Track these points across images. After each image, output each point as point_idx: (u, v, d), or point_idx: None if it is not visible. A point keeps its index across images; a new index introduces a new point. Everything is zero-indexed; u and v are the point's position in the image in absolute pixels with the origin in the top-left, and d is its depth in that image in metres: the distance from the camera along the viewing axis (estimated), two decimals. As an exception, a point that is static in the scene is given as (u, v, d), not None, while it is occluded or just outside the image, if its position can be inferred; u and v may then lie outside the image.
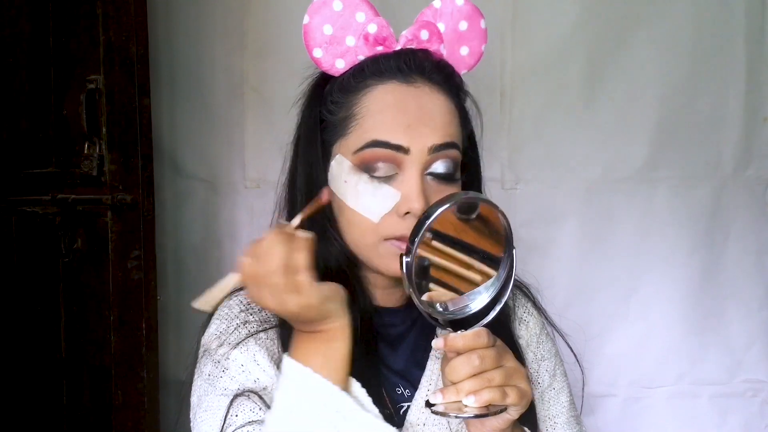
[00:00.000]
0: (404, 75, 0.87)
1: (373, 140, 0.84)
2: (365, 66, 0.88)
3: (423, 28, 0.89)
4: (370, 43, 0.88)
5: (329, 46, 0.89)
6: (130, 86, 1.67)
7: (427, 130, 0.84)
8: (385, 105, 0.86)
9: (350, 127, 0.87)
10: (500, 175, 1.93)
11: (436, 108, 0.87)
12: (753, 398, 2.04)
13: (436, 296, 0.78)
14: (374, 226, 0.84)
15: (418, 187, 0.83)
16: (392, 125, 0.84)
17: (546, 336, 1.02)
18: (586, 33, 1.91)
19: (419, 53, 0.88)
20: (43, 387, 1.71)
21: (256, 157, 1.93)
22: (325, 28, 0.88)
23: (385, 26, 0.88)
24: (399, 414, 0.90)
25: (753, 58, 1.94)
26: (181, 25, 1.91)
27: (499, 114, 1.92)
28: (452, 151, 0.86)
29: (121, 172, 1.69)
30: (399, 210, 0.84)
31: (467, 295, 0.79)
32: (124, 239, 1.70)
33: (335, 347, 0.80)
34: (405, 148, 0.84)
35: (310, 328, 0.80)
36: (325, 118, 0.90)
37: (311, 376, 0.78)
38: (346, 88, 0.89)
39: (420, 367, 0.93)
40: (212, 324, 0.92)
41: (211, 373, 0.88)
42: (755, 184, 1.99)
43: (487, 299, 0.79)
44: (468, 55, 0.95)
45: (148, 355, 1.71)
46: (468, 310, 0.79)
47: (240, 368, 0.87)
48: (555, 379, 1.01)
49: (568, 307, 1.86)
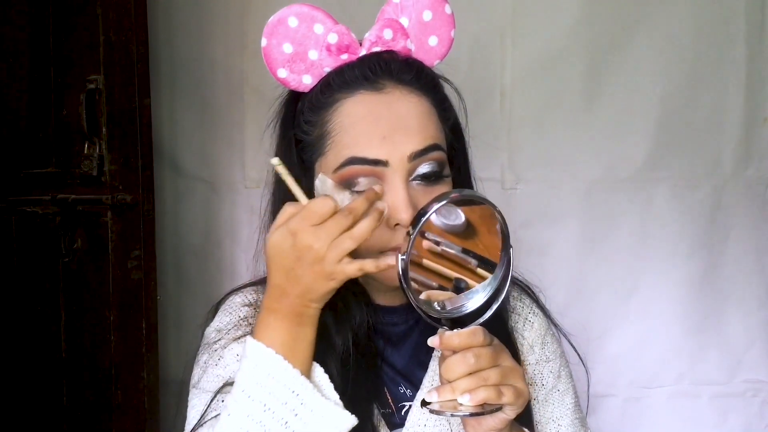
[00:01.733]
0: (371, 82, 0.84)
1: (350, 157, 0.82)
2: (331, 80, 0.85)
3: (386, 27, 0.86)
4: (333, 53, 0.85)
5: (292, 64, 0.86)
6: (130, 86, 1.67)
7: (404, 138, 0.82)
8: (357, 118, 0.83)
9: (326, 145, 0.84)
10: (500, 175, 1.93)
11: (410, 112, 0.84)
12: (753, 398, 2.04)
13: (434, 295, 0.78)
14: (367, 242, 0.81)
15: (404, 198, 0.81)
16: (367, 139, 0.82)
17: (551, 337, 1.01)
18: (586, 33, 1.91)
19: (384, 55, 0.85)
20: (43, 387, 1.71)
21: (256, 157, 1.93)
22: (284, 47, 0.86)
23: (345, 33, 0.85)
24: (400, 413, 0.90)
25: (753, 58, 1.94)
26: (181, 25, 1.91)
27: (499, 114, 1.92)
28: (435, 153, 0.84)
29: (121, 172, 1.69)
30: (388, 223, 0.82)
31: (464, 294, 0.79)
32: (124, 239, 1.70)
33: (304, 331, 0.79)
34: (384, 161, 0.81)
35: (300, 306, 0.78)
36: (300, 139, 0.88)
37: (273, 357, 0.77)
38: (317, 105, 0.86)
39: (423, 366, 0.92)
40: (215, 318, 0.93)
41: (207, 361, 0.89)
42: (755, 184, 1.99)
43: (484, 298, 0.79)
44: (438, 45, 0.91)
45: (148, 355, 1.72)
46: (464, 309, 0.79)
47: (235, 357, 0.87)
48: (560, 380, 1.00)
49: (568, 307, 1.86)
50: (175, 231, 1.98)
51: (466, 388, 0.74)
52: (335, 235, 0.73)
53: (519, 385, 0.77)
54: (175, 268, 1.98)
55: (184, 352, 1.88)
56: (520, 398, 0.77)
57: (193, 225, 1.99)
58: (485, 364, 0.75)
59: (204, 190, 1.98)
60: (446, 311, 0.79)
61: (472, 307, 0.79)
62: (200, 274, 1.98)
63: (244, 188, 1.96)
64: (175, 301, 1.96)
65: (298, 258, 0.75)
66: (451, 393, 0.75)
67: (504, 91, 1.93)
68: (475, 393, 0.74)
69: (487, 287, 0.79)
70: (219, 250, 1.99)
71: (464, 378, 0.74)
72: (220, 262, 1.98)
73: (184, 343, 1.91)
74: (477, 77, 1.90)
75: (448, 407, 0.75)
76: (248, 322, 0.90)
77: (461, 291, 0.79)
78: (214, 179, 1.97)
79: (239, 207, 1.97)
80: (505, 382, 0.76)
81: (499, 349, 0.78)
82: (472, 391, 0.74)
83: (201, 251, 1.99)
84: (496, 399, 0.74)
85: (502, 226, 0.77)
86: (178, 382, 1.76)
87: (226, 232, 1.99)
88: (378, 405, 0.88)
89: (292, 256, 0.75)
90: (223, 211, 1.98)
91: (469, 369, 0.75)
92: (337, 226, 0.73)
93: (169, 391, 1.82)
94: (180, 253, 1.99)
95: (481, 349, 0.76)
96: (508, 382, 0.76)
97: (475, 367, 0.75)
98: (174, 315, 1.94)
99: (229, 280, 1.93)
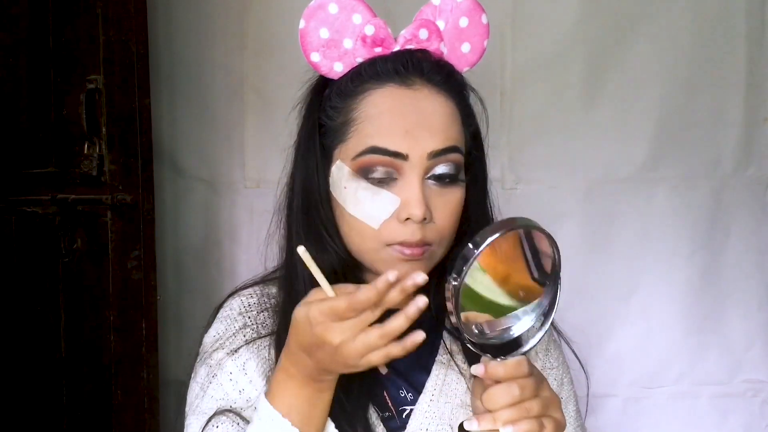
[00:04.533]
0: (402, 77, 0.85)
1: (371, 146, 0.83)
2: (363, 69, 0.87)
3: (422, 27, 0.87)
4: (368, 45, 0.86)
5: (326, 50, 0.87)
6: (130, 86, 1.67)
7: (426, 135, 0.83)
8: (383, 110, 0.84)
9: (349, 132, 0.85)
10: (500, 175, 1.93)
11: (435, 111, 0.85)
12: (753, 398, 2.04)
13: (472, 317, 0.76)
14: (375, 232, 0.83)
15: (418, 194, 0.82)
16: (390, 131, 0.83)
17: (554, 344, 1.02)
18: (586, 33, 1.91)
19: (417, 54, 0.87)
20: (43, 387, 1.71)
21: (256, 157, 1.93)
22: (321, 32, 0.86)
23: (382, 27, 0.87)
24: (401, 417, 0.89)
25: (753, 58, 1.94)
26: (181, 25, 1.91)
27: (499, 114, 1.92)
28: (453, 155, 0.85)
29: (121, 172, 1.69)
30: (399, 216, 0.82)
31: (505, 318, 0.78)
32: (124, 239, 1.70)
33: (323, 398, 0.79)
34: (404, 155, 0.82)
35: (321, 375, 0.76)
36: (324, 123, 0.88)
37: (288, 429, 0.77)
38: (345, 92, 0.87)
39: (424, 370, 0.92)
40: (213, 325, 0.93)
41: (203, 377, 0.89)
42: (755, 184, 1.99)
43: (530, 323, 0.78)
44: (470, 52, 0.93)
45: (148, 355, 1.72)
46: (512, 333, 0.77)
47: (228, 376, 0.87)
48: (562, 388, 1.00)
49: (567, 307, 1.84)
50: (175, 231, 1.98)
51: (508, 419, 0.73)
52: (358, 331, 0.71)
53: (558, 416, 0.77)
54: (175, 268, 1.98)
55: (184, 352, 1.89)
56: (559, 429, 0.77)
57: (193, 225, 1.99)
58: (528, 395, 0.74)
59: (204, 190, 1.98)
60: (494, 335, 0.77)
61: (519, 331, 0.78)
62: (200, 274, 1.98)
63: (244, 188, 1.95)
64: (175, 301, 1.96)
65: (318, 346, 0.73)
66: (492, 423, 0.73)
67: (504, 90, 1.92)
68: (518, 425, 0.73)
69: (532, 312, 0.78)
70: (219, 250, 1.99)
71: (507, 409, 0.73)
72: (220, 262, 1.98)
73: (184, 343, 1.91)
74: (477, 77, 1.90)
75: None
76: (243, 333, 0.90)
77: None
78: (214, 179, 1.97)
79: (239, 207, 1.96)
80: (546, 413, 0.75)
81: (540, 379, 0.78)
82: (515, 423, 0.73)
83: (201, 251, 1.99)
84: (538, 431, 0.74)
85: (555, 253, 0.75)
86: (178, 382, 1.76)
87: (226, 232, 1.98)
88: (377, 408, 0.87)
89: (312, 341, 0.73)
90: (223, 211, 1.98)
91: (513, 400, 0.73)
92: (362, 323, 0.71)
93: (169, 391, 1.82)
94: (180, 253, 1.99)
95: (525, 380, 0.74)
96: (549, 414, 0.76)
97: (518, 399, 0.74)
98: (174, 315, 1.94)
99: (229, 280, 1.93)
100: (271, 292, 0.94)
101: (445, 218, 0.85)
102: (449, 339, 0.94)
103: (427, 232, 0.83)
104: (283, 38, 1.83)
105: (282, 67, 1.83)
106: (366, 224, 0.84)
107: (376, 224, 0.83)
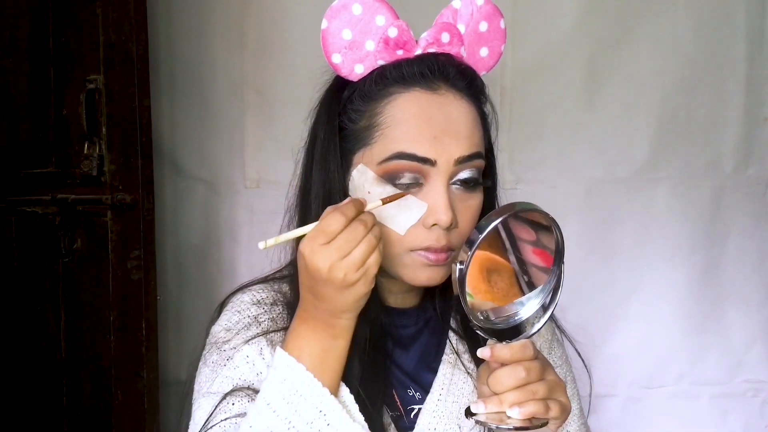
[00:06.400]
0: (428, 82, 0.85)
1: (399, 152, 0.82)
2: (387, 72, 0.85)
3: (444, 31, 0.86)
4: (390, 47, 0.85)
5: (348, 51, 0.85)
6: (130, 86, 1.67)
7: (454, 141, 0.83)
8: (411, 115, 0.83)
9: (374, 136, 0.84)
10: (500, 175, 1.93)
11: (461, 117, 0.85)
12: (753, 398, 2.04)
13: (477, 304, 0.77)
14: (400, 237, 0.83)
15: (445, 200, 0.82)
16: (418, 137, 0.82)
17: (557, 342, 1.02)
18: (586, 33, 1.91)
19: (441, 58, 0.86)
20: (43, 387, 1.71)
21: (256, 157, 1.93)
22: (344, 33, 0.85)
23: (405, 30, 0.85)
24: (409, 416, 0.89)
25: (753, 58, 1.94)
26: (181, 25, 1.91)
27: (499, 114, 1.92)
28: (478, 161, 0.85)
29: (121, 172, 1.69)
30: (425, 222, 0.82)
31: (510, 305, 0.78)
32: (124, 239, 1.70)
33: (337, 345, 0.79)
34: (432, 161, 0.82)
35: (331, 318, 0.78)
36: (345, 126, 0.87)
37: (302, 373, 0.77)
38: (368, 95, 0.86)
39: (431, 370, 0.92)
40: (223, 316, 0.92)
41: (215, 361, 0.88)
42: (755, 184, 1.99)
43: (537, 306, 0.78)
44: (487, 57, 0.93)
45: (148, 355, 1.71)
46: (518, 318, 0.78)
47: (245, 359, 0.86)
48: (566, 386, 1.00)
49: (568, 307, 1.85)
50: (175, 231, 1.98)
51: (514, 401, 0.74)
52: (346, 250, 0.74)
53: (563, 399, 0.77)
54: (175, 268, 1.98)
55: (184, 352, 1.90)
56: (564, 413, 0.77)
57: (193, 225, 1.99)
58: (534, 378, 0.75)
59: (204, 190, 1.98)
60: (500, 321, 0.78)
61: (526, 315, 0.78)
62: (200, 274, 1.98)
63: (244, 188, 1.96)
64: (175, 301, 1.96)
65: (314, 279, 0.75)
66: (498, 405, 0.74)
67: (504, 90, 1.93)
68: (524, 406, 0.74)
69: (538, 296, 0.79)
70: (219, 250, 1.99)
71: (513, 391, 0.74)
72: (220, 262, 1.98)
73: (184, 343, 1.91)
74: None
75: (495, 419, 0.74)
76: (258, 321, 0.89)
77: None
78: (214, 179, 1.97)
79: (239, 207, 1.97)
80: (551, 396, 0.76)
81: (545, 363, 0.78)
82: (522, 405, 0.74)
83: (201, 251, 1.99)
84: (543, 413, 0.74)
85: (558, 237, 0.77)
86: (178, 382, 1.77)
87: (226, 231, 1.99)
88: (387, 407, 0.87)
89: (307, 276, 0.76)
90: (223, 211, 1.98)
91: (519, 383, 0.74)
92: (347, 242, 0.74)
93: (169, 391, 1.82)
94: (180, 253, 1.99)
95: (530, 363, 0.75)
96: (554, 397, 0.76)
97: (524, 381, 0.75)
98: (174, 315, 1.94)
99: (229, 280, 1.93)
100: (281, 288, 0.94)
101: (467, 222, 0.85)
102: (455, 339, 0.94)
103: (452, 237, 0.83)
104: (283, 38, 1.83)
105: (282, 67, 1.84)
106: (391, 230, 0.83)
107: (402, 230, 0.83)
